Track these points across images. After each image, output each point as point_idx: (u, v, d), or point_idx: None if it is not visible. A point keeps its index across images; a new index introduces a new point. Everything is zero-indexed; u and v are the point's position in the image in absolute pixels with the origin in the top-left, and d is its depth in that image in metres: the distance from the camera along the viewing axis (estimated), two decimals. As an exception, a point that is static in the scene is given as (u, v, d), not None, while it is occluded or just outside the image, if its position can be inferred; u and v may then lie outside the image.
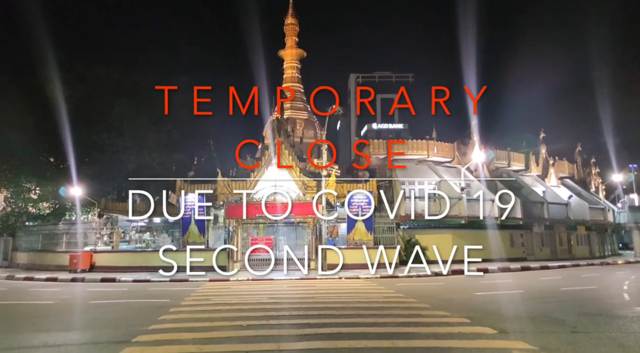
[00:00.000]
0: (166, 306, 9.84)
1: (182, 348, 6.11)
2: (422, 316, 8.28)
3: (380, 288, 12.77)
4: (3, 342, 6.89)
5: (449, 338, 6.46)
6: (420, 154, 25.28)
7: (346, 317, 8.11)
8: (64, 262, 20.21)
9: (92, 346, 6.59)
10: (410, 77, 64.57)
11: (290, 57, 37.36)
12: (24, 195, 23.43)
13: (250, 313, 8.74)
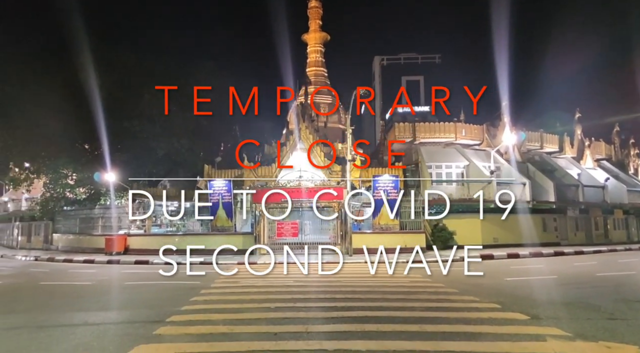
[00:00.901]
0: (197, 288, 10.14)
1: (214, 328, 6.28)
2: (451, 301, 8.20)
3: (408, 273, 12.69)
4: (48, 320, 7.30)
5: (478, 324, 6.37)
6: (447, 136, 24.73)
7: (372, 301, 8.12)
8: (100, 245, 21.12)
9: (129, 325, 6.87)
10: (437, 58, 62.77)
11: (314, 41, 36.96)
12: (61, 181, 24.45)
13: (277, 295, 8.89)
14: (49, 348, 5.53)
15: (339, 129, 33.05)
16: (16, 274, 14.87)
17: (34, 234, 30.24)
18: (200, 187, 23.28)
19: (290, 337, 5.74)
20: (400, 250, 18.08)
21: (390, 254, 17.29)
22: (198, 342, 5.62)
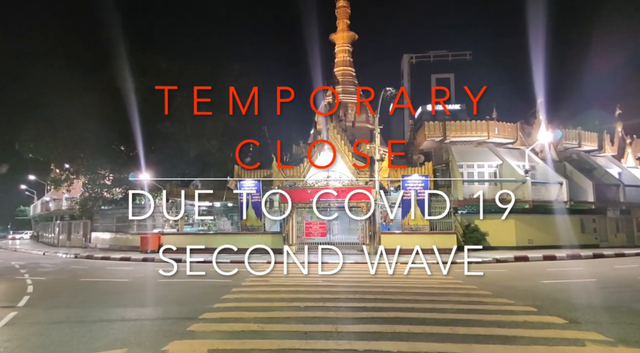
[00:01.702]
0: (228, 286, 10.33)
1: (245, 326, 6.38)
2: (484, 303, 8.00)
3: (437, 274, 12.47)
4: (88, 315, 7.64)
5: (513, 327, 6.19)
6: (479, 135, 24.09)
7: (403, 302, 8.03)
8: (135, 243, 21.88)
9: (164, 321, 7.08)
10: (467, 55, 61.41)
11: (342, 41, 36.90)
12: (99, 181, 25.52)
13: (306, 295, 8.94)
14: (90, 342, 5.77)
15: (367, 129, 32.83)
16: (58, 271, 15.60)
17: (73, 232, 31.66)
18: (230, 187, 23.71)
19: (320, 337, 5.76)
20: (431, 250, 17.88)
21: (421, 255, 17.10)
22: (230, 339, 5.73)
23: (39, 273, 14.53)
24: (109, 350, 5.34)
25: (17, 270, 15.40)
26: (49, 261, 20.00)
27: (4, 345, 5.75)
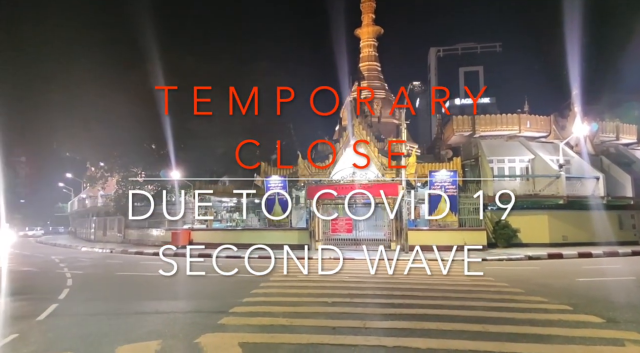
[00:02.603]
0: (256, 281, 10.48)
1: (274, 320, 6.47)
2: (516, 301, 7.80)
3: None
4: (124, 307, 7.95)
5: (547, 326, 6.02)
6: (510, 129, 23.41)
7: (432, 299, 7.94)
8: (167, 239, 22.53)
9: (196, 314, 7.28)
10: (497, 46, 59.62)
11: (367, 35, 36.52)
12: (132, 178, 26.38)
13: (334, 290, 8.98)
14: (126, 334, 6.00)
15: (393, 124, 32.45)
16: (95, 265, 16.27)
17: (108, 228, 32.87)
18: (258, 183, 24.03)
19: (348, 332, 5.78)
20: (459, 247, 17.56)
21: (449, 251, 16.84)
22: (259, 333, 5.83)
23: (77, 267, 15.18)
24: (144, 341, 5.54)
25: (57, 264, 16.15)
26: (86, 256, 20.86)
27: (47, 334, 6.06)
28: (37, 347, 5.41)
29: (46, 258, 19.54)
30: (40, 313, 7.24)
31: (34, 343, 5.60)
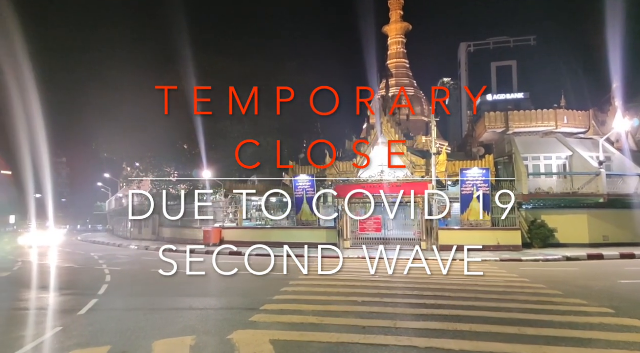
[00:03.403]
0: (286, 279, 10.58)
1: (304, 318, 6.51)
2: (554, 303, 7.52)
3: (501, 272, 11.94)
4: (159, 303, 8.25)
5: (588, 329, 5.77)
6: (546, 125, 22.55)
7: (464, 300, 7.77)
8: (199, 237, 23.06)
9: (228, 311, 7.43)
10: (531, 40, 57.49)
11: (395, 32, 36.14)
12: (165, 178, 27.20)
13: (363, 290, 8.93)
14: (162, 329, 6.19)
15: (423, 122, 32.00)
16: (132, 262, 16.87)
17: (144, 226, 33.96)
18: (286, 182, 24.23)
19: (379, 332, 5.74)
20: (494, 247, 17.18)
21: (482, 252, 16.46)
22: (290, 330, 5.88)
23: (115, 264, 15.79)
24: (179, 336, 5.70)
25: (97, 261, 16.86)
26: (123, 253, 21.67)
27: (88, 328, 6.34)
28: (79, 340, 5.66)
29: (86, 255, 20.43)
30: (81, 308, 7.58)
31: (77, 336, 5.87)
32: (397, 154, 21.15)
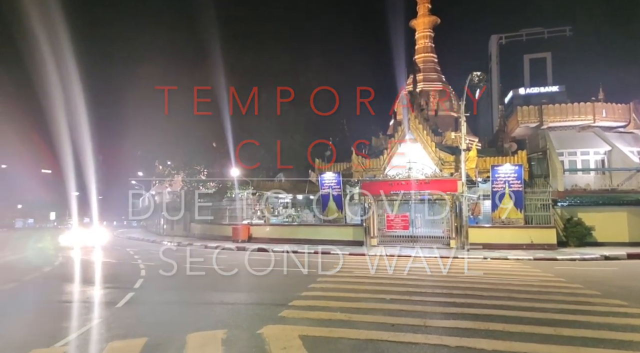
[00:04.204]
0: (313, 276, 10.65)
1: (332, 315, 6.54)
2: (591, 304, 7.25)
3: (535, 271, 11.59)
4: (192, 298, 8.48)
5: (628, 331, 5.54)
6: (583, 119, 21.65)
7: (496, 299, 7.59)
8: (228, 233, 23.49)
9: (257, 306, 7.55)
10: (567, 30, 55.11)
11: (423, 26, 35.48)
12: (195, 176, 27.85)
13: (391, 287, 8.86)
14: (195, 322, 6.37)
15: (451, 117, 31.32)
16: (165, 257, 17.36)
17: (175, 223, 34.93)
18: (312, 180, 24.33)
19: (408, 330, 5.70)
20: (526, 246, 16.69)
21: (514, 250, 16.02)
22: (318, 326, 5.92)
23: (149, 259, 16.32)
24: (211, 330, 5.85)
25: (132, 256, 17.47)
26: (156, 248, 22.34)
27: (125, 321, 6.60)
28: (117, 332, 5.90)
29: (122, 250, 21.21)
30: (119, 301, 7.90)
31: (115, 328, 6.12)
32: (425, 150, 20.86)
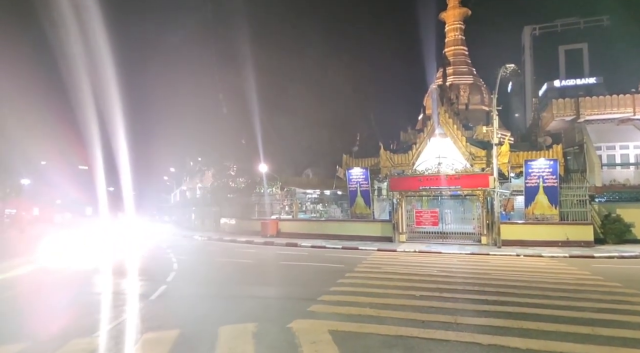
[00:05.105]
0: (342, 271, 10.67)
1: (361, 310, 6.55)
2: (631, 303, 6.95)
3: (571, 269, 11.20)
4: (222, 291, 8.67)
5: (673, 334, 5.27)
6: (622, 111, 20.61)
7: (530, 297, 7.39)
8: (256, 228, 23.81)
9: (287, 300, 7.65)
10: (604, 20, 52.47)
11: (453, 18, 34.63)
12: (225, 172, 28.38)
13: (421, 284, 8.78)
14: (226, 315, 6.52)
15: (483, 111, 30.50)
16: (196, 251, 17.85)
17: (206, 218, 35.72)
18: (339, 175, 24.31)
19: (438, 326, 5.64)
20: (562, 243, 16.12)
21: (548, 247, 15.51)
22: (348, 321, 5.94)
23: (181, 252, 16.79)
24: (242, 323, 5.97)
25: (164, 250, 18.01)
26: (187, 242, 22.95)
27: (159, 313, 6.84)
28: (151, 324, 6.11)
29: (155, 244, 21.90)
30: (152, 294, 8.17)
31: (149, 320, 6.34)
32: (455, 144, 20.43)
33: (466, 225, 18.52)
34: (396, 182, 19.36)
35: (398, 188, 19.21)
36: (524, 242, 16.42)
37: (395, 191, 19.23)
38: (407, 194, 19.19)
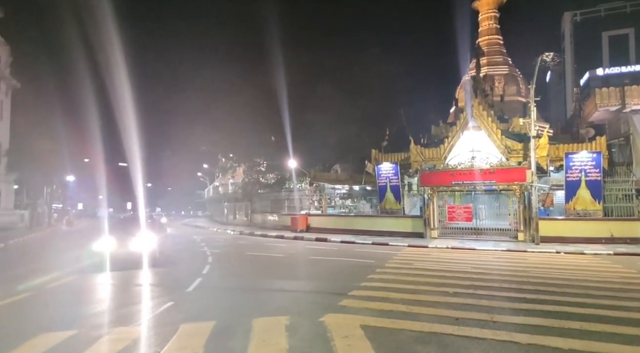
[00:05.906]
0: (372, 266, 10.58)
1: (393, 306, 6.46)
2: (685, 305, 6.51)
3: (616, 267, 10.64)
4: (255, 284, 8.79)
5: None
6: (673, 100, 19.37)
7: (571, 296, 7.07)
8: (286, 223, 24.04)
9: (317, 294, 7.66)
10: (654, 1, 49.31)
11: (487, 7, 33.51)
12: (255, 168, 28.76)
13: (454, 281, 8.57)
14: (259, 308, 6.59)
15: (519, 102, 29.42)
16: (228, 245, 18.21)
17: (237, 213, 36.43)
18: (368, 170, 24.10)
19: (473, 324, 5.48)
20: (605, 240, 15.38)
21: (591, 244, 14.80)
22: (380, 317, 5.87)
23: (215, 246, 17.19)
24: (275, 316, 6.02)
25: (199, 244, 18.50)
26: (220, 236, 23.47)
27: (195, 304, 7.02)
28: (188, 314, 6.27)
29: (190, 238, 22.53)
30: (189, 286, 8.39)
31: (186, 311, 6.51)
32: (490, 138, 19.80)
33: (501, 221, 17.95)
34: (427, 176, 18.99)
35: (429, 183, 18.84)
36: (564, 239, 15.76)
37: (427, 186, 18.86)
38: (439, 189, 18.78)
